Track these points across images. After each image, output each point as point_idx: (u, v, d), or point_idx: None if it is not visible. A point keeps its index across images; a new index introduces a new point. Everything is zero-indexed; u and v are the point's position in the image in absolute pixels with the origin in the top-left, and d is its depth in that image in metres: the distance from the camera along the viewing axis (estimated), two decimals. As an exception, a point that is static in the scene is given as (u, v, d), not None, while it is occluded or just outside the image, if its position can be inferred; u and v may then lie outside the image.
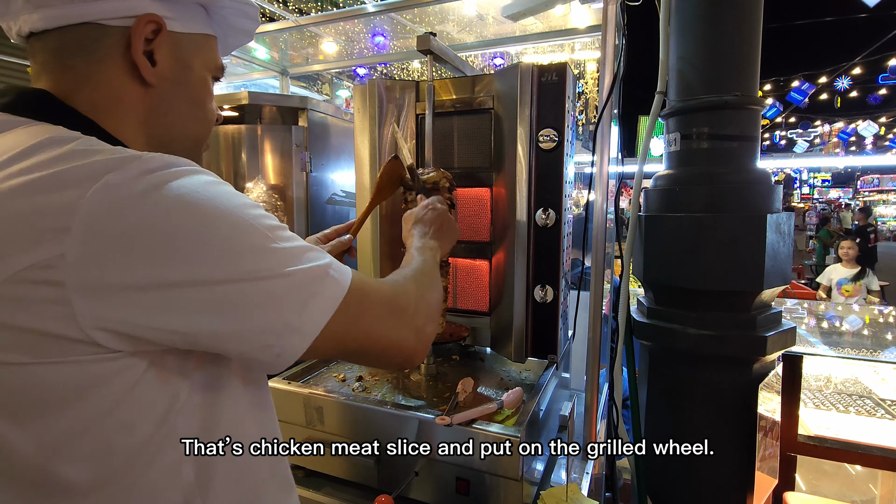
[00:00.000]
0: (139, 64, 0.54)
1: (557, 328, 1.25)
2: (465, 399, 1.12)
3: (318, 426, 1.11)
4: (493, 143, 1.30)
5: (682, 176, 1.37)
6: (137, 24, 0.53)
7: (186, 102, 0.60)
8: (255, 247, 0.49)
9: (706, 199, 1.31)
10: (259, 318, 0.48)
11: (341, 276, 0.54)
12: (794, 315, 2.76)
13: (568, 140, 1.22)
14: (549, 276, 1.24)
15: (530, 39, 1.82)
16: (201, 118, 0.62)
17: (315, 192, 1.49)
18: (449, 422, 0.90)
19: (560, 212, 1.21)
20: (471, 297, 1.39)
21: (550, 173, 1.21)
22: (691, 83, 1.35)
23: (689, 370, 1.33)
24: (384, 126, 1.36)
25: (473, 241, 1.36)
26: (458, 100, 1.32)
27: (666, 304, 1.40)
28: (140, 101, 0.56)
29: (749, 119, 1.31)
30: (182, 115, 0.60)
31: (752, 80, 1.31)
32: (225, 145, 1.46)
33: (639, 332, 1.42)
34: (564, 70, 1.17)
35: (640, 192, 1.46)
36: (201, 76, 0.61)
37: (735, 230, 1.25)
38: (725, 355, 1.28)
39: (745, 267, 1.25)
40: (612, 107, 1.32)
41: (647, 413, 1.45)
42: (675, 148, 1.39)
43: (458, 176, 1.34)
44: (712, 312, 1.30)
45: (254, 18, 0.67)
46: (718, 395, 1.31)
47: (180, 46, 0.57)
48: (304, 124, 1.43)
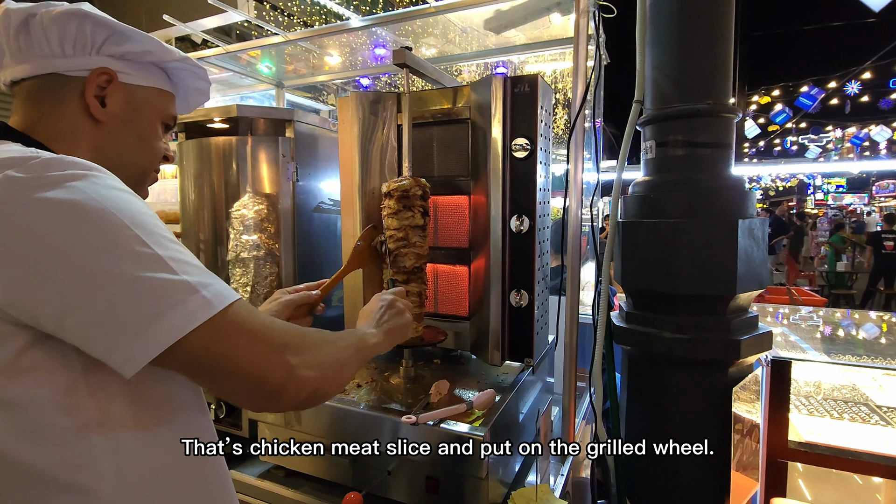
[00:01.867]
0: (90, 105, 0.70)
1: (533, 332, 1.27)
2: (440, 400, 1.15)
3: (296, 426, 1.15)
4: (470, 152, 1.34)
5: (658, 182, 1.40)
6: (91, 75, 0.69)
7: (134, 138, 0.75)
8: (126, 248, 0.53)
9: (681, 204, 1.33)
10: (110, 315, 0.52)
11: (217, 297, 0.56)
12: (808, 323, 2.72)
13: (541, 149, 1.26)
14: (524, 281, 1.27)
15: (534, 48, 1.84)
16: (147, 152, 0.77)
17: (302, 202, 1.54)
18: (414, 420, 0.94)
19: (533, 218, 1.24)
20: (451, 302, 1.42)
21: (523, 181, 1.24)
22: (665, 92, 1.38)
23: (665, 374, 1.35)
24: (368, 137, 1.41)
25: (453, 247, 1.40)
26: (438, 110, 1.36)
27: (644, 308, 1.42)
28: (91, 134, 0.71)
29: (722, 126, 1.33)
30: (129, 147, 0.74)
31: (725, 89, 1.34)
32: (216, 157, 1.51)
33: (618, 337, 1.44)
34: (536, 81, 1.21)
35: (618, 198, 1.49)
36: (150, 120, 0.77)
37: (708, 235, 1.27)
38: (700, 359, 1.29)
39: (719, 271, 1.27)
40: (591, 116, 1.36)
41: (628, 417, 1.47)
42: (652, 155, 1.42)
43: (437, 184, 1.39)
44: (688, 317, 1.32)
45: (204, 79, 0.84)
46: (694, 398, 1.32)
47: (133, 95, 0.74)
48: (290, 135, 1.48)
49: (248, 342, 0.58)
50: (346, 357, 0.72)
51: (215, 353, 0.56)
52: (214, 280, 0.58)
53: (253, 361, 0.58)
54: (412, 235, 1.22)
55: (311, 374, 0.62)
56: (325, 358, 0.66)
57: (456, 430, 0.94)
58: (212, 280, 0.58)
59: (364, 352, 0.80)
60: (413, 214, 1.21)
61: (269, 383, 0.59)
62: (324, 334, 0.70)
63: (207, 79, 0.86)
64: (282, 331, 0.63)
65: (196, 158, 1.54)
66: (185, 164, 1.57)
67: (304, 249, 1.54)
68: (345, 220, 1.44)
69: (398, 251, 1.21)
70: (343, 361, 0.71)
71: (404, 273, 1.22)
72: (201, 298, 0.55)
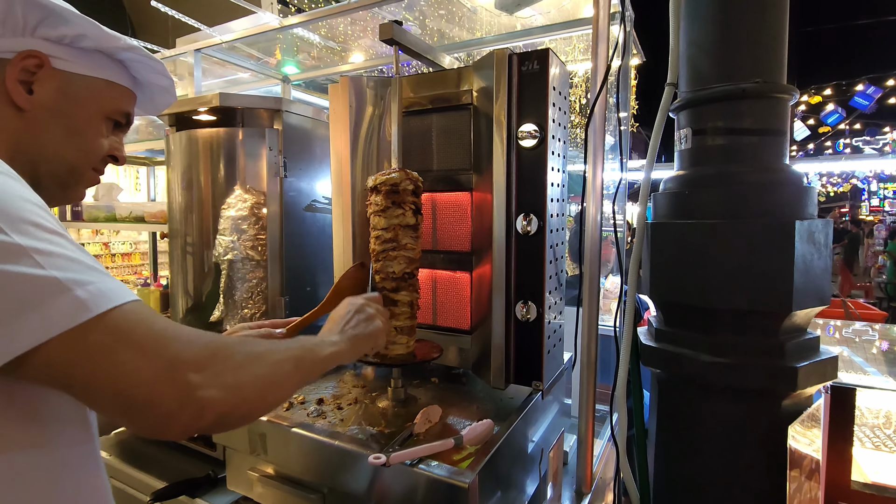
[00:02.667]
0: (10, 89, 0.62)
1: (542, 350, 1.09)
2: (429, 430, 0.98)
3: (262, 454, 1.00)
4: (472, 142, 1.17)
5: (694, 177, 1.19)
6: (16, 58, 0.62)
7: (64, 130, 0.67)
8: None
9: (722, 203, 1.12)
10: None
11: (96, 298, 0.47)
12: (863, 338, 2.41)
13: (554, 136, 1.08)
14: (532, 291, 1.09)
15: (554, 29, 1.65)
16: (79, 148, 0.68)
17: (292, 199, 1.40)
18: (384, 461, 0.77)
19: (543, 218, 1.06)
20: (451, 314, 1.25)
21: (532, 174, 1.07)
22: (703, 71, 1.17)
23: (701, 403, 1.13)
24: (361, 127, 1.26)
25: (454, 250, 1.23)
26: (437, 95, 1.20)
27: (676, 325, 1.21)
28: (10, 122, 0.63)
29: (773, 109, 1.12)
30: (56, 141, 0.66)
31: (776, 64, 1.12)
32: (203, 149, 1.40)
33: (646, 357, 1.23)
34: (547, 56, 1.03)
35: (647, 196, 1.29)
36: (90, 113, 0.69)
37: (756, 239, 1.06)
38: (747, 387, 1.07)
39: (770, 283, 1.05)
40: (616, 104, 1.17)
41: (657, 451, 1.25)
42: (687, 146, 1.21)
43: (437, 179, 1.23)
44: (730, 336, 1.10)
45: (163, 73, 0.77)
46: (738, 434, 1.10)
47: (71, 84, 0.66)
48: (278, 127, 1.35)
49: (133, 355, 0.48)
50: (278, 374, 0.61)
51: (87, 369, 0.46)
52: (100, 278, 0.49)
53: (138, 380, 0.47)
54: (402, 236, 1.06)
55: (217, 394, 0.51)
56: (242, 376, 0.55)
57: (435, 475, 0.77)
58: (95, 278, 0.48)
59: (312, 364, 0.68)
60: (404, 212, 1.05)
61: (158, 407, 0.48)
62: (251, 346, 0.60)
63: (167, 74, 0.78)
64: (182, 342, 0.51)
65: (183, 152, 1.43)
66: (172, 158, 1.47)
67: (293, 252, 1.41)
68: (336, 221, 1.29)
69: (386, 254, 1.06)
70: (273, 379, 0.60)
71: (393, 280, 1.06)
72: (72, 299, 0.46)
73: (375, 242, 1.07)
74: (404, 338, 1.08)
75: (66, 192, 0.70)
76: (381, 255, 1.05)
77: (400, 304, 1.07)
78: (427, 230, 1.25)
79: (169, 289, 1.56)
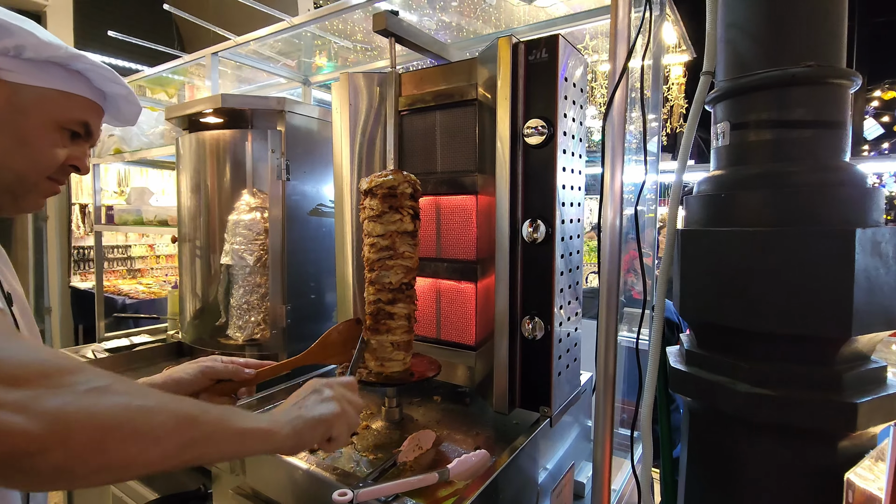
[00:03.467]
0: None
1: (551, 372, 0.97)
2: (418, 459, 0.89)
3: (241, 474, 0.94)
4: (477, 140, 1.07)
5: (733, 178, 1.03)
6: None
7: (10, 141, 0.66)
8: None
9: (766, 207, 0.96)
10: None
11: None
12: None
13: (566, 133, 0.96)
14: (540, 305, 0.97)
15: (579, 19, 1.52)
16: (27, 157, 0.67)
17: (295, 202, 1.35)
18: (350, 498, 0.68)
19: (552, 224, 0.95)
20: (455, 328, 1.15)
21: (539, 175, 0.96)
22: (745, 56, 1.01)
23: (739, 440, 0.98)
24: (362, 126, 1.19)
25: (458, 259, 1.13)
26: (440, 91, 1.11)
27: (710, 347, 1.05)
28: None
29: (828, 98, 0.95)
30: (3, 151, 0.66)
31: (833, 46, 0.95)
32: (210, 152, 1.38)
33: (675, 383, 1.08)
34: (556, 44, 0.92)
35: (678, 200, 1.14)
36: (40, 123, 0.68)
37: (808, 250, 0.90)
38: (793, 425, 0.91)
39: (824, 302, 0.89)
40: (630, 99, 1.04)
41: (688, 491, 1.10)
42: (724, 142, 1.06)
43: (441, 182, 1.14)
44: (775, 363, 0.94)
45: (115, 82, 0.74)
46: (784, 479, 0.94)
47: (19, 94, 0.66)
48: (281, 128, 1.30)
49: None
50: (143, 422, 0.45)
51: None
52: None
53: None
54: (400, 244, 0.97)
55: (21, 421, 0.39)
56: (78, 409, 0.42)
57: (408, 518, 0.68)
58: None
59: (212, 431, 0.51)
60: (402, 217, 0.97)
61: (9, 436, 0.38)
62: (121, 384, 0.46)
63: (121, 82, 0.75)
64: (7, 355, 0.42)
65: (191, 155, 1.42)
66: (182, 161, 1.45)
67: (297, 259, 1.35)
68: (337, 225, 1.22)
69: (382, 263, 0.97)
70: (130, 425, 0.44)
71: (389, 291, 0.98)
72: None
73: (370, 250, 0.99)
74: (401, 353, 1.00)
75: (18, 202, 0.69)
76: (377, 265, 0.97)
77: (396, 317, 0.98)
78: (431, 237, 1.16)
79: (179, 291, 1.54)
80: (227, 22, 2.55)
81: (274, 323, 1.33)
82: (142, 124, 2.12)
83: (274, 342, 1.35)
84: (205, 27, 2.05)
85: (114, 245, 4.38)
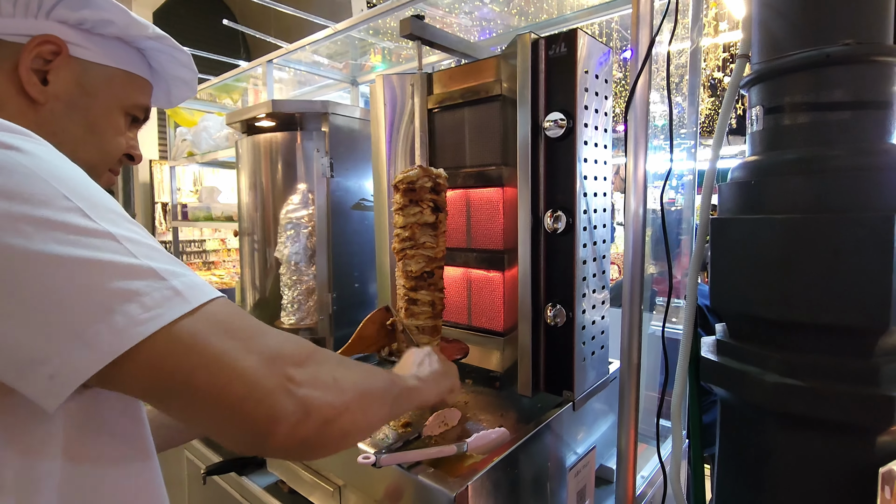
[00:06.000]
0: (24, 79, 0.55)
1: (573, 358, 1.00)
2: (444, 434, 0.95)
3: (288, 444, 1.05)
4: (502, 135, 1.11)
5: (768, 163, 1.00)
6: (30, 43, 0.55)
7: (81, 127, 0.60)
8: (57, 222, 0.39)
9: (802, 193, 0.93)
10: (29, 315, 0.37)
11: (189, 290, 0.42)
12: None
13: (587, 125, 0.98)
14: (562, 293, 1.01)
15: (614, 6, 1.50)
16: (97, 146, 0.62)
17: (339, 198, 1.46)
18: (373, 462, 0.76)
19: (573, 215, 0.97)
20: (485, 314, 1.20)
21: (560, 167, 0.98)
22: (780, 37, 0.98)
23: (769, 433, 0.96)
24: (397, 124, 1.27)
25: (487, 249, 1.18)
26: (467, 88, 1.16)
27: (742, 338, 1.03)
28: (23, 116, 0.56)
29: (871, 77, 0.90)
30: (74, 138, 0.59)
31: (876, 22, 0.90)
32: (265, 153, 1.51)
33: (705, 373, 1.07)
34: (575, 38, 0.94)
35: (711, 187, 1.12)
36: (106, 107, 0.62)
37: (845, 237, 0.86)
38: (824, 418, 0.88)
39: (861, 293, 0.85)
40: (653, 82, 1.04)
41: (719, 482, 1.09)
42: (759, 127, 1.03)
43: (471, 176, 1.19)
44: (808, 355, 0.91)
45: (188, 66, 0.70)
46: (819, 475, 0.91)
47: (88, 74, 0.59)
48: (325, 129, 1.41)
49: (234, 348, 0.42)
50: (375, 386, 0.54)
51: (187, 365, 0.40)
52: (188, 271, 0.45)
53: (237, 376, 0.41)
54: (420, 234, 1.04)
55: (319, 395, 0.45)
56: (342, 379, 0.48)
57: (424, 482, 0.74)
58: (185, 271, 0.44)
59: (399, 393, 0.60)
60: (421, 210, 1.03)
61: (260, 404, 0.42)
62: (342, 357, 0.55)
63: (192, 66, 0.72)
64: (280, 337, 0.47)
65: (248, 156, 1.56)
66: (241, 162, 1.60)
67: (341, 250, 1.46)
68: (377, 219, 1.31)
69: (405, 253, 1.05)
70: (371, 390, 0.52)
71: (411, 279, 1.05)
72: (170, 289, 0.41)
73: (396, 240, 1.06)
74: (426, 338, 1.06)
75: None
76: (401, 254, 1.05)
77: (420, 303, 1.05)
78: (462, 228, 1.22)
79: (240, 281, 1.70)
80: (286, 28, 2.72)
81: (321, 310, 1.44)
82: (209, 128, 2.35)
83: (322, 328, 1.47)
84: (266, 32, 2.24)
85: (191, 240, 4.81)
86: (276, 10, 2.52)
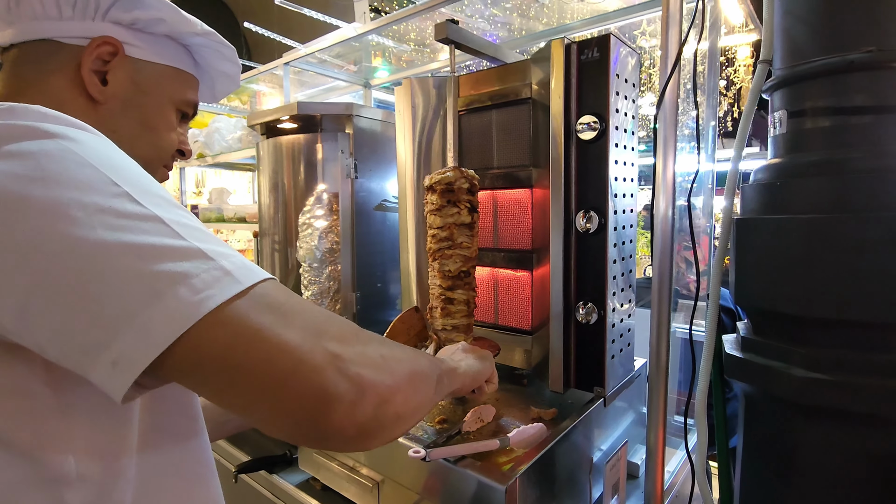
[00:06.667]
0: (86, 80, 0.58)
1: (604, 355, 1.03)
2: (481, 430, 0.98)
3: (325, 440, 1.07)
4: (531, 137, 1.14)
5: (790, 165, 1.04)
6: (91, 45, 0.58)
7: (137, 124, 0.62)
8: (108, 207, 0.39)
9: (823, 194, 0.97)
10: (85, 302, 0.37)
11: (239, 270, 0.41)
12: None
13: (618, 128, 1.01)
14: (594, 292, 1.03)
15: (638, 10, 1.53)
16: (152, 143, 0.64)
17: (363, 199, 1.47)
18: (423, 455, 0.78)
19: (605, 215, 1.00)
20: (513, 313, 1.23)
21: (592, 169, 1.01)
22: (802, 44, 1.01)
23: (795, 427, 0.99)
24: (423, 127, 1.29)
25: (515, 249, 1.21)
26: (496, 91, 1.19)
27: (766, 334, 1.06)
28: (85, 115, 0.58)
29: (891, 82, 0.94)
30: (130, 135, 0.62)
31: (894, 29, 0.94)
32: (287, 155, 1.53)
33: (729, 369, 1.11)
34: (608, 43, 0.97)
35: (734, 188, 1.16)
36: (159, 104, 0.64)
37: (866, 236, 0.90)
38: (850, 411, 0.92)
39: (884, 287, 0.89)
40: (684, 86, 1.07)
41: (744, 477, 1.12)
42: (781, 130, 1.06)
43: (498, 176, 1.21)
44: (831, 349, 0.95)
45: (232, 61, 0.72)
46: (845, 468, 0.95)
47: (141, 72, 0.62)
48: (349, 131, 1.43)
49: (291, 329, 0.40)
50: (422, 366, 0.52)
51: (240, 347, 0.39)
52: (236, 253, 0.44)
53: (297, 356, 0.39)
54: (458, 235, 1.06)
55: (371, 373, 0.43)
56: (391, 358, 0.47)
57: (472, 475, 0.77)
58: (233, 252, 0.44)
59: (441, 374, 0.59)
60: (459, 211, 1.06)
61: (310, 383, 0.39)
62: (384, 338, 0.53)
63: (237, 61, 0.74)
64: (327, 316, 0.46)
65: (270, 158, 1.57)
66: (262, 163, 1.61)
67: (364, 250, 1.48)
68: (402, 220, 1.33)
69: (442, 253, 1.07)
70: (419, 371, 0.50)
71: (449, 278, 1.07)
72: (220, 270, 0.40)
73: (431, 241, 1.08)
74: (460, 336, 1.09)
75: None
76: (437, 254, 1.07)
77: (456, 302, 1.07)
78: (489, 228, 1.24)
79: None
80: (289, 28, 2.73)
81: (345, 308, 1.46)
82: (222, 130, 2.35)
83: (344, 327, 1.48)
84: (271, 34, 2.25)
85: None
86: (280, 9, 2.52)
